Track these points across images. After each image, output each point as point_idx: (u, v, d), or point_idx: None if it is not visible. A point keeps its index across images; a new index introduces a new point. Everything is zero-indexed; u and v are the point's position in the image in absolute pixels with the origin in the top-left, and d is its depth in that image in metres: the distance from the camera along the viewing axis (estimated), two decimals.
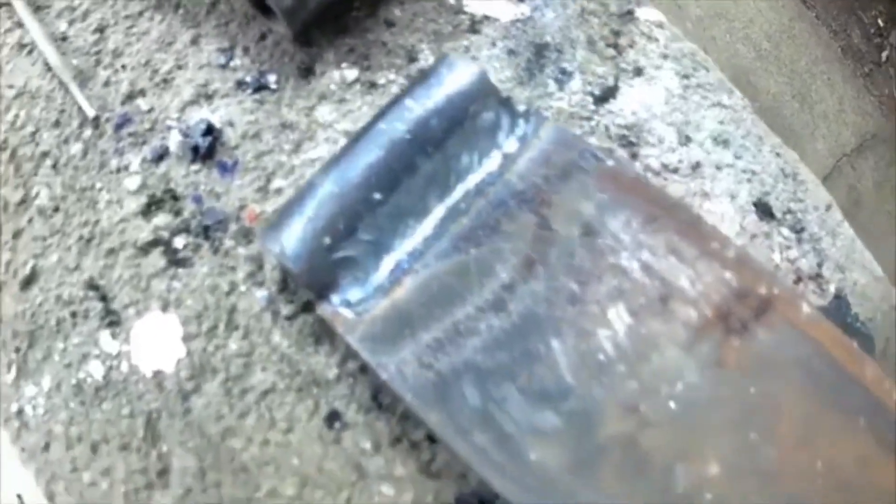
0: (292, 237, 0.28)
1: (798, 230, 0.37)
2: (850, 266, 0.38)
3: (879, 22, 0.83)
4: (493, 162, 0.29)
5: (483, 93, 0.29)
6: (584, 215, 0.28)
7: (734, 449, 0.25)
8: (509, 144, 0.29)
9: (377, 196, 0.28)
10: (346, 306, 0.28)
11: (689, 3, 0.90)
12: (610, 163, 0.28)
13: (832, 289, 0.37)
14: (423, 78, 0.30)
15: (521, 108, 0.30)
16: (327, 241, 0.28)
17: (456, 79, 0.29)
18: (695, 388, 0.25)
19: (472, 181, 0.29)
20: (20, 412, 0.32)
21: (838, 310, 0.37)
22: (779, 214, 0.36)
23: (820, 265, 0.36)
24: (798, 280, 0.36)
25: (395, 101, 0.29)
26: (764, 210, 0.36)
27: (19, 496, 0.36)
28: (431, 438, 0.30)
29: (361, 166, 0.28)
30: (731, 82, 0.39)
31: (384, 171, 0.28)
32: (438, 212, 0.29)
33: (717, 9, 0.90)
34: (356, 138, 0.29)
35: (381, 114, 0.29)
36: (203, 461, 0.30)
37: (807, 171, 0.39)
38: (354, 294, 0.28)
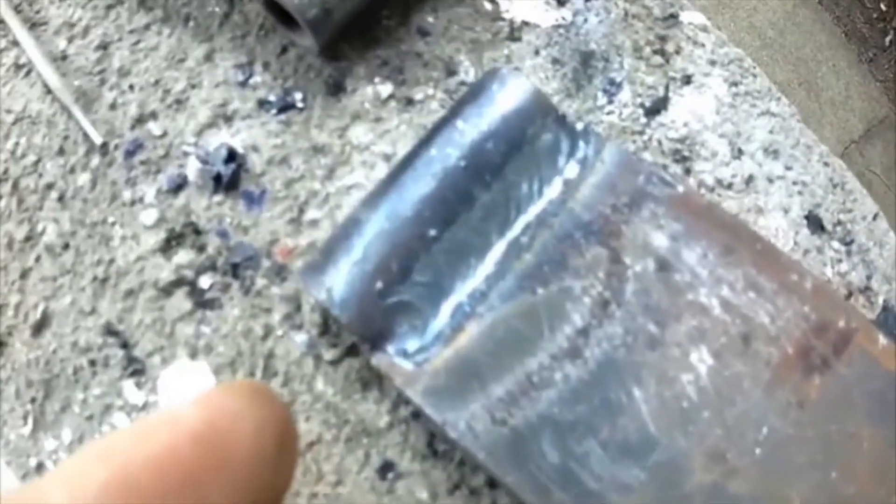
0: (339, 281, 0.25)
1: (847, 242, 0.35)
2: None
3: (882, 6, 0.82)
4: (554, 189, 0.27)
5: (541, 111, 0.27)
6: (657, 248, 0.25)
7: (815, 488, 0.24)
8: (570, 169, 0.27)
9: (432, 232, 0.26)
10: (404, 357, 0.25)
11: None
12: (681, 188, 0.26)
13: (881, 301, 0.35)
14: (473, 96, 0.27)
15: (580, 126, 0.28)
16: (379, 285, 0.25)
17: (509, 96, 0.27)
18: (779, 430, 0.23)
19: (533, 212, 0.26)
20: (40, 466, 0.29)
21: (886, 322, 0.36)
22: (829, 227, 0.35)
23: (869, 277, 0.35)
24: (849, 294, 0.34)
25: (444, 122, 0.27)
26: (815, 223, 0.34)
27: None
28: (492, 484, 0.28)
29: (412, 200, 0.26)
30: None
31: (438, 205, 0.26)
32: (500, 247, 0.26)
33: None
34: (403, 167, 0.26)
35: (430, 138, 0.26)
36: None
37: (854, 180, 0.37)
38: (412, 343, 0.25)
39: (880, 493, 0.24)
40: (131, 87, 0.32)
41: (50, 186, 0.31)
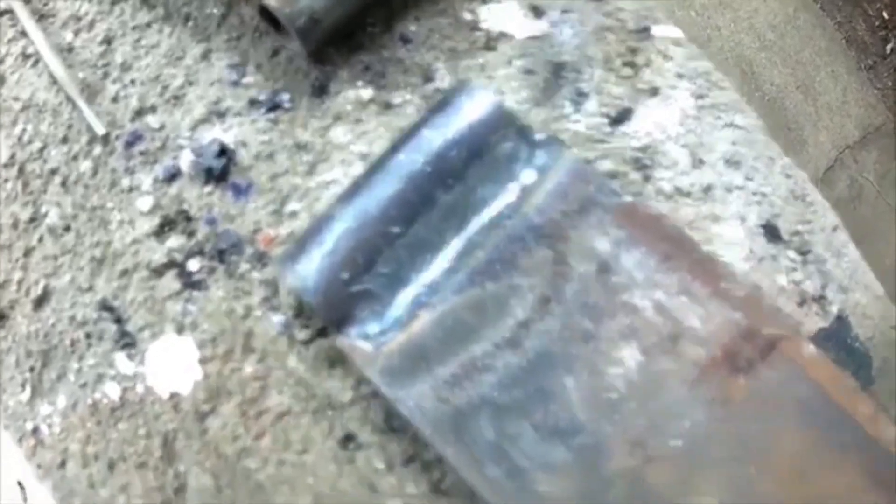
0: (311, 270, 0.29)
1: (804, 252, 0.37)
2: (853, 286, 0.39)
3: (884, 14, 0.83)
4: (510, 194, 0.29)
5: (502, 122, 0.30)
6: (600, 252, 0.28)
7: (733, 483, 0.26)
8: (527, 176, 0.30)
9: (395, 229, 0.29)
10: (365, 339, 0.29)
11: None
12: (627, 198, 0.29)
13: (835, 310, 0.38)
14: (441, 107, 0.30)
15: (540, 137, 0.30)
16: (346, 274, 0.28)
17: (475, 108, 0.30)
18: (699, 424, 0.26)
19: (489, 214, 0.29)
20: (35, 430, 0.33)
21: (839, 331, 0.38)
22: (786, 237, 0.37)
23: (824, 286, 0.37)
24: (802, 302, 0.37)
25: (413, 130, 0.29)
26: (772, 232, 0.37)
27: (20, 483, 0.37)
28: (442, 458, 0.31)
29: (380, 199, 0.29)
30: (735, 71, 0.39)
31: (403, 205, 0.29)
32: (456, 245, 0.29)
33: None
34: (374, 169, 0.29)
35: (399, 144, 0.29)
36: (219, 480, 0.31)
37: (815, 192, 0.39)
38: (372, 327, 0.28)
39: (797, 492, 0.26)
40: (133, 81, 0.35)
41: (54, 172, 0.34)
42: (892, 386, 0.40)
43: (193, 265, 0.33)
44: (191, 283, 0.33)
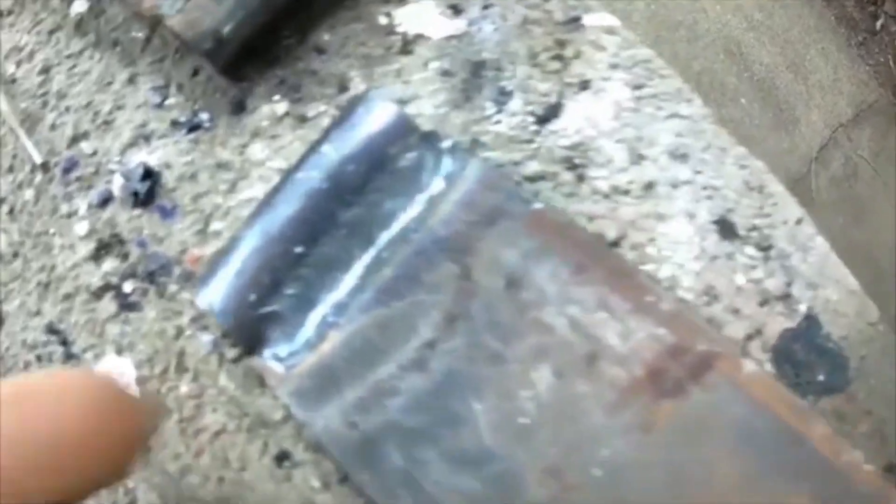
0: (219, 293, 0.25)
1: (764, 248, 0.32)
2: (823, 282, 0.32)
3: None
4: (417, 206, 0.25)
5: (404, 131, 0.25)
6: (508, 265, 0.24)
7: None
8: (435, 185, 0.25)
9: (299, 249, 0.25)
10: (277, 360, 0.25)
11: None
12: (538, 206, 0.24)
13: (803, 308, 0.32)
14: (340, 120, 0.26)
15: (446, 143, 0.26)
16: (253, 296, 0.25)
17: (374, 119, 0.25)
18: (621, 452, 0.22)
19: (396, 228, 0.25)
20: None
21: (808, 330, 0.32)
22: (743, 232, 0.31)
23: (789, 284, 0.31)
24: (764, 302, 0.31)
25: (313, 146, 0.26)
26: (727, 228, 0.31)
27: None
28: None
29: (281, 219, 0.25)
30: (723, 53, 0.34)
31: (304, 224, 0.25)
32: (363, 262, 0.25)
33: None
34: (276, 189, 0.26)
35: (299, 162, 0.25)
36: (166, 498, 0.29)
37: (775, 183, 0.33)
38: (283, 349, 0.25)
39: None
40: (67, 108, 0.32)
41: (2, 201, 0.32)
42: (871, 386, 0.34)
43: (128, 287, 0.30)
44: (126, 304, 0.30)
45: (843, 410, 0.27)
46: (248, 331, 0.25)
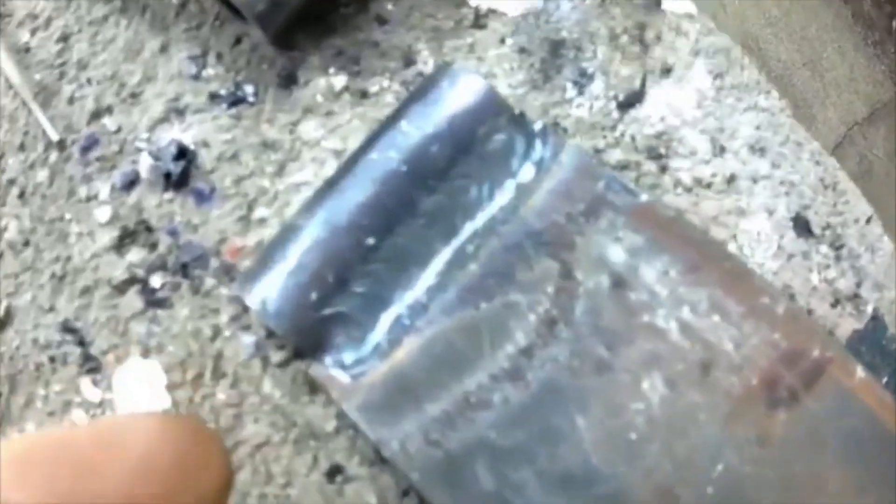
0: (274, 292, 0.22)
1: (837, 247, 0.30)
2: (888, 283, 0.31)
3: None
4: (505, 194, 0.22)
5: (494, 110, 0.22)
6: (613, 263, 0.21)
7: None
8: (525, 172, 0.23)
9: (370, 241, 0.22)
10: (341, 368, 0.22)
11: None
12: (644, 198, 0.22)
13: (869, 309, 0.30)
14: (420, 94, 0.23)
15: (538, 126, 0.23)
16: (314, 296, 0.22)
17: (459, 94, 0.22)
18: (735, 468, 0.19)
19: (481, 219, 0.22)
20: None
21: (874, 332, 0.30)
22: (817, 230, 0.29)
23: (859, 284, 0.30)
24: (836, 303, 0.29)
25: (388, 123, 0.22)
26: (802, 226, 0.29)
27: None
28: None
29: (350, 206, 0.22)
30: (742, 48, 0.32)
31: (378, 212, 0.22)
32: (443, 256, 0.22)
33: None
34: (343, 171, 0.22)
35: (372, 140, 0.22)
36: None
37: (847, 180, 0.31)
38: (349, 355, 0.22)
39: None
40: (89, 80, 0.28)
41: (12, 182, 0.28)
42: None
43: (156, 281, 0.27)
44: (154, 300, 0.27)
45: None
46: (308, 335, 0.22)
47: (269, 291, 0.22)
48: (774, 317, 0.21)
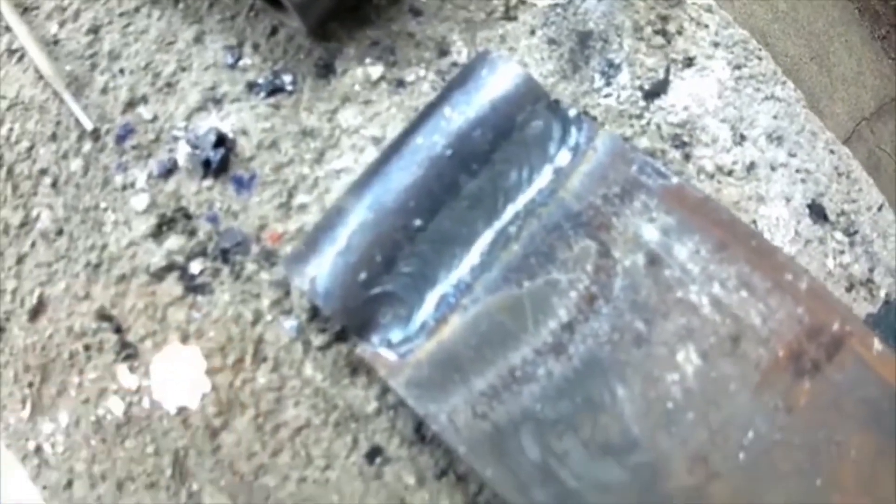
0: (323, 272, 0.24)
1: (851, 233, 0.32)
2: None
3: None
4: (543, 178, 0.25)
5: (531, 97, 0.24)
6: (648, 242, 0.23)
7: (799, 496, 0.22)
8: (561, 157, 0.25)
9: (417, 222, 0.24)
10: (388, 347, 0.24)
11: None
12: (675, 180, 0.24)
13: (882, 294, 0.33)
14: (461, 81, 0.25)
15: (573, 112, 0.25)
16: (363, 275, 0.24)
17: (499, 82, 0.24)
18: (764, 435, 0.22)
19: (521, 201, 0.24)
20: (38, 449, 0.28)
21: (888, 316, 0.33)
22: (832, 217, 0.32)
23: (872, 270, 0.33)
24: (850, 287, 0.32)
25: (431, 109, 0.25)
26: (818, 212, 0.32)
27: None
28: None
29: (397, 189, 0.24)
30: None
31: (423, 194, 0.24)
32: (486, 237, 0.24)
33: None
34: (389, 155, 0.25)
35: (416, 125, 0.24)
36: (236, 499, 0.27)
37: (859, 169, 0.34)
38: (397, 334, 0.24)
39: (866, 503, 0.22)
40: (122, 70, 0.30)
41: (44, 172, 0.30)
42: None
43: (195, 267, 0.29)
44: (193, 286, 0.29)
45: None
46: (355, 314, 0.24)
47: (318, 272, 0.24)
48: (798, 292, 0.23)
